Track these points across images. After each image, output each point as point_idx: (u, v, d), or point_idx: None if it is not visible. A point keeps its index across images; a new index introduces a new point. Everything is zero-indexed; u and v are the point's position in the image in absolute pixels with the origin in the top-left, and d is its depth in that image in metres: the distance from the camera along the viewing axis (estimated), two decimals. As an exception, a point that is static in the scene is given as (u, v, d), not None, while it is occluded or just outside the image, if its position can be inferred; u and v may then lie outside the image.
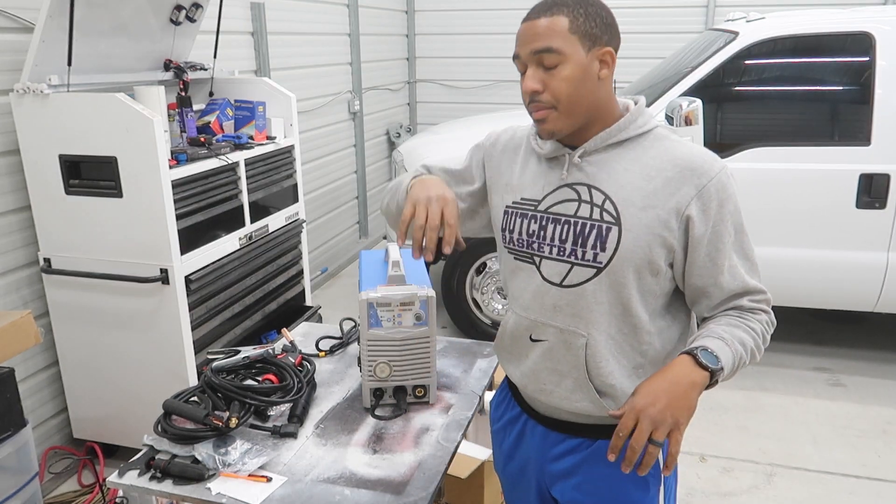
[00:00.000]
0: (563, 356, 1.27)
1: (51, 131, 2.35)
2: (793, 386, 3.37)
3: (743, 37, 3.23)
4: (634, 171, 1.21)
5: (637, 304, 1.23)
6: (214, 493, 1.37)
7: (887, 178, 3.09)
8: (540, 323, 1.28)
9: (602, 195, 1.21)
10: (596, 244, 1.20)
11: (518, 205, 1.30)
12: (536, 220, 1.27)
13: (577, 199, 1.23)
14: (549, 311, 1.26)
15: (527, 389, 1.36)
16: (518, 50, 1.19)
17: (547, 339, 1.28)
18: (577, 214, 1.22)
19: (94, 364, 2.59)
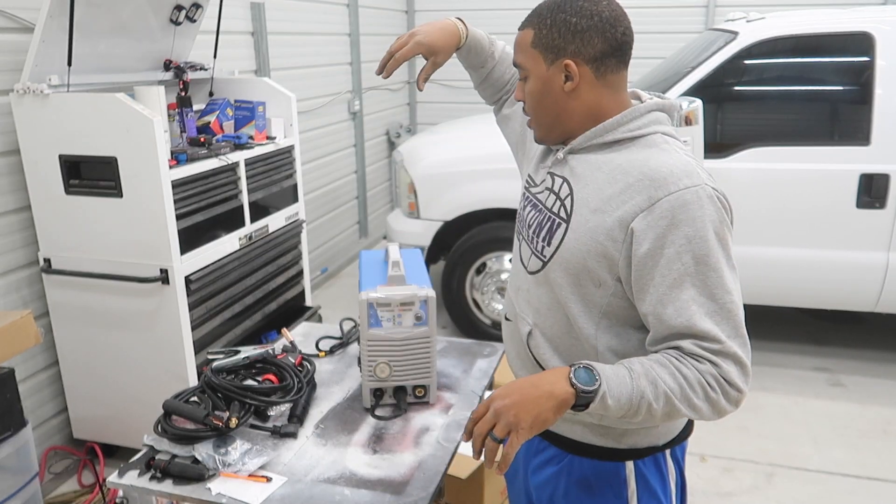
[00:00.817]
0: (517, 342, 1.31)
1: (51, 131, 2.35)
2: (793, 386, 3.37)
3: (743, 37, 3.23)
4: (604, 172, 1.15)
5: (577, 312, 1.16)
6: (214, 494, 1.37)
7: (887, 178, 3.09)
8: (510, 300, 1.33)
9: (568, 190, 1.20)
10: (546, 237, 1.21)
11: (527, 182, 1.36)
12: (528, 201, 1.31)
13: (551, 189, 1.24)
14: (517, 292, 1.30)
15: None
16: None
17: (512, 320, 1.33)
18: (544, 204, 1.24)
19: (94, 364, 2.59)
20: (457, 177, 3.68)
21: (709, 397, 1.07)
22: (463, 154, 3.81)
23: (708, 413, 1.09)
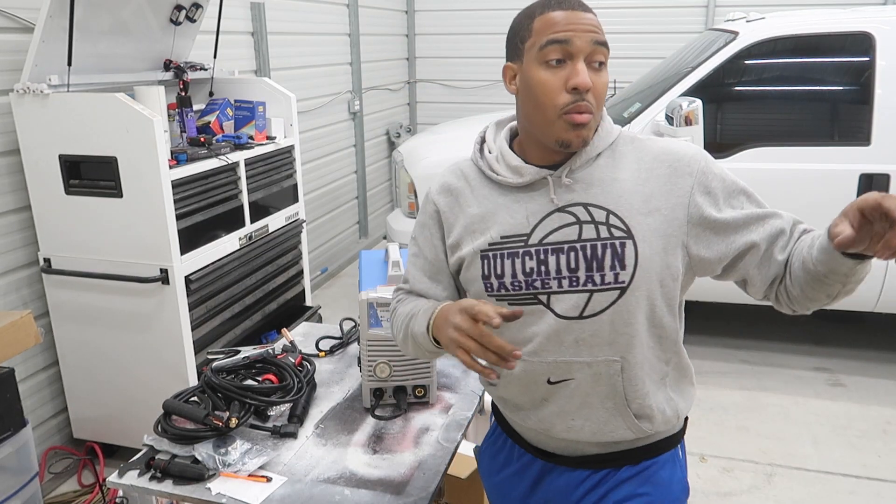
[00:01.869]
0: (593, 389, 1.16)
1: (51, 131, 2.35)
2: (793, 386, 3.37)
3: (743, 37, 3.23)
4: (624, 178, 1.12)
5: (665, 314, 1.15)
6: (214, 493, 1.37)
7: (887, 178, 3.09)
8: (561, 363, 1.14)
9: (603, 211, 1.10)
10: (614, 264, 1.09)
11: (499, 245, 1.14)
12: (532, 256, 1.12)
13: (575, 221, 1.10)
14: (570, 347, 1.13)
15: (548, 433, 1.22)
16: (571, 35, 1.03)
17: (572, 378, 1.15)
18: (581, 238, 1.10)
19: (94, 364, 2.59)
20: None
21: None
22: (463, 154, 3.81)
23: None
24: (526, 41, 1.09)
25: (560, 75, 1.05)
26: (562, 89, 1.05)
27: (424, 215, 1.26)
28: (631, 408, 1.16)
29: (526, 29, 1.09)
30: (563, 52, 1.04)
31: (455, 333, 1.01)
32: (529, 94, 1.09)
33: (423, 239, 1.26)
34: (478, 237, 1.16)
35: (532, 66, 1.08)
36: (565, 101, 1.05)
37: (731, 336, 3.87)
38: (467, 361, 1.00)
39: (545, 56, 1.05)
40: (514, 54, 1.12)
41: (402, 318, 1.23)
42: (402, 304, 1.27)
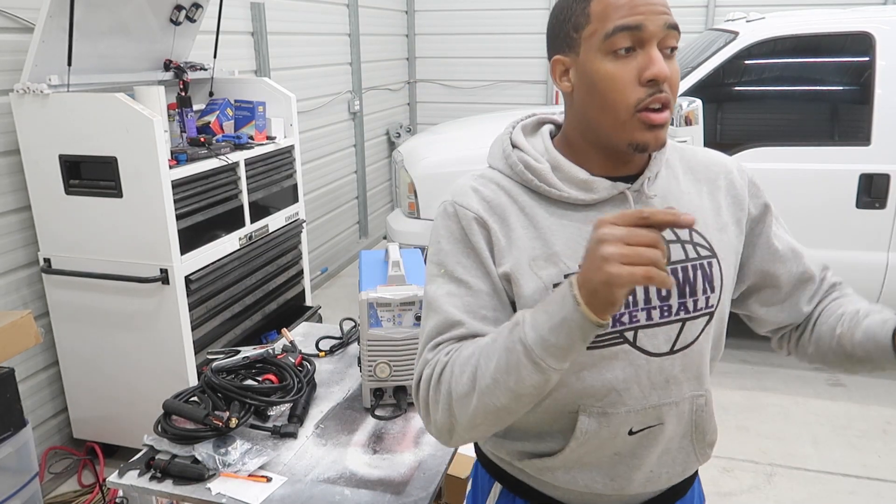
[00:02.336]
0: (676, 431, 1.02)
1: (51, 131, 2.35)
2: (793, 386, 3.37)
3: (743, 37, 3.23)
4: (689, 190, 1.01)
5: (723, 333, 1.06)
6: (214, 493, 1.37)
7: (887, 178, 3.09)
8: (649, 409, 0.97)
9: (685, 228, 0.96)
10: (705, 286, 0.96)
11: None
12: None
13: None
14: (660, 389, 0.97)
15: (622, 492, 1.03)
16: (642, 19, 0.87)
17: (661, 423, 0.99)
18: (671, 261, 0.95)
19: (94, 364, 2.59)
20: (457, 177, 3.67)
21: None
22: (463, 154, 3.81)
23: None
24: (582, 29, 0.90)
25: (631, 66, 0.88)
26: (635, 82, 0.87)
27: (462, 235, 0.95)
28: (706, 440, 1.06)
29: (580, 14, 0.91)
30: (635, 38, 0.87)
31: (615, 249, 0.73)
32: (593, 91, 0.90)
33: (467, 266, 0.94)
34: (545, 269, 0.92)
35: (594, 57, 0.90)
36: (640, 97, 0.87)
37: (731, 336, 3.84)
38: (646, 273, 0.72)
39: (613, 45, 0.87)
40: (566, 45, 0.93)
41: (474, 360, 0.86)
42: (457, 352, 0.90)
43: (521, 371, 0.80)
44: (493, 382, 0.83)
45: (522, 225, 0.95)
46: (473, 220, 0.95)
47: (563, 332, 0.78)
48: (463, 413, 0.87)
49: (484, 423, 0.87)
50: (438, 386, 0.89)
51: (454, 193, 0.99)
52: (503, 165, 1.00)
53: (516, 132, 1.02)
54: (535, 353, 0.79)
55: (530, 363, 0.80)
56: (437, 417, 0.90)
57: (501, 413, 0.84)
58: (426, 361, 0.92)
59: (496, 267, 0.94)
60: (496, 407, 0.84)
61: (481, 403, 0.84)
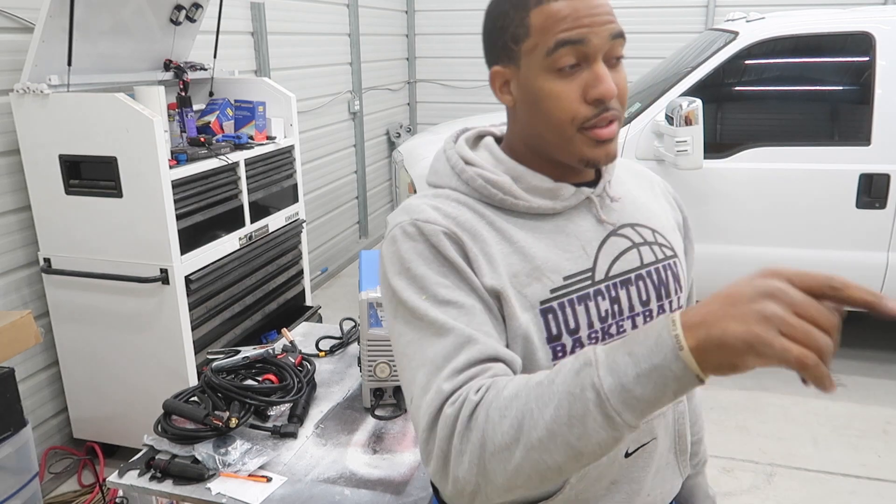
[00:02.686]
0: (664, 442, 0.96)
1: (51, 131, 2.35)
2: (793, 386, 3.37)
3: (743, 37, 3.23)
4: (639, 193, 1.00)
5: None
6: (214, 493, 1.37)
7: (887, 178, 3.09)
8: (644, 424, 0.90)
9: (648, 229, 0.95)
10: (675, 287, 0.94)
11: (564, 290, 0.86)
12: (604, 295, 0.88)
13: (632, 244, 0.92)
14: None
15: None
16: (586, 32, 0.80)
17: (654, 437, 0.93)
18: (644, 263, 0.92)
19: (94, 364, 2.59)
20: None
21: None
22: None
23: None
24: (522, 41, 0.84)
25: (576, 83, 0.82)
26: (580, 100, 0.82)
27: (434, 252, 0.83)
28: (686, 448, 1.01)
29: (519, 25, 0.84)
30: (578, 54, 0.81)
31: (783, 312, 0.58)
32: (537, 108, 0.85)
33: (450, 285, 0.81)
34: (529, 286, 0.84)
35: (536, 73, 0.83)
36: (586, 115, 0.82)
37: (731, 336, 3.86)
38: (803, 357, 0.57)
39: (556, 63, 0.81)
40: (506, 56, 0.87)
41: (520, 402, 0.69)
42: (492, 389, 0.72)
43: (588, 424, 0.65)
44: (547, 435, 0.66)
45: (496, 241, 0.85)
46: (442, 234, 0.82)
47: (651, 384, 0.63)
48: (498, 470, 0.69)
49: (523, 485, 0.69)
50: (468, 432, 0.70)
51: (409, 212, 0.85)
52: (457, 183, 0.90)
53: (461, 147, 0.93)
54: (611, 405, 0.64)
55: (602, 416, 0.64)
56: (461, 473, 0.70)
57: (549, 473, 0.68)
58: (444, 394, 0.73)
59: (480, 280, 0.82)
60: (546, 465, 0.67)
61: (527, 460, 0.67)
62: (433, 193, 0.90)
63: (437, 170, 0.94)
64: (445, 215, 0.85)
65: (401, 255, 0.83)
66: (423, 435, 0.74)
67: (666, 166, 3.21)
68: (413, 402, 0.77)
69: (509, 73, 0.88)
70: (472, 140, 0.97)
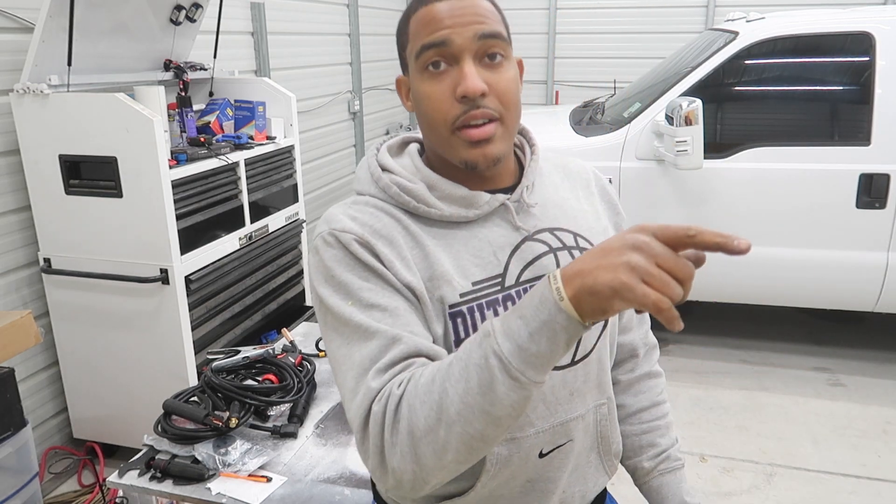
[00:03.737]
0: (583, 445, 0.99)
1: (51, 131, 2.35)
2: (793, 386, 3.37)
3: (743, 37, 3.23)
4: (567, 196, 1.00)
5: (615, 334, 1.05)
6: (214, 493, 1.37)
7: (887, 178, 3.09)
8: (558, 426, 0.93)
9: (570, 234, 0.95)
10: None
11: (472, 295, 0.88)
12: (514, 300, 0.89)
13: (548, 249, 0.93)
14: (565, 403, 0.93)
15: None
16: (447, 33, 0.83)
17: (571, 439, 0.95)
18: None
19: (95, 364, 2.59)
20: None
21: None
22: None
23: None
24: (405, 48, 0.89)
25: (446, 83, 0.85)
26: (451, 99, 0.84)
27: (352, 258, 0.85)
28: (612, 450, 1.04)
29: (403, 33, 0.89)
30: (443, 54, 0.84)
31: (645, 263, 0.64)
32: (420, 110, 0.89)
33: (373, 288, 0.84)
34: (438, 290, 0.86)
35: (414, 76, 0.88)
36: (456, 114, 0.84)
37: (731, 336, 3.87)
38: (658, 301, 0.63)
39: (423, 63, 0.85)
40: (402, 65, 0.93)
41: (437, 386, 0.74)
42: (411, 382, 0.76)
43: (498, 389, 0.69)
44: (464, 408, 0.71)
45: (409, 246, 0.88)
46: (355, 242, 0.85)
47: (544, 338, 0.68)
48: (429, 452, 0.73)
49: (455, 461, 0.73)
50: (396, 425, 0.74)
51: (328, 222, 0.88)
52: (374, 189, 0.92)
53: (382, 153, 0.96)
54: (514, 367, 0.69)
55: (508, 378, 0.69)
56: (396, 464, 0.74)
57: (475, 443, 0.72)
58: (372, 392, 0.77)
59: (398, 279, 0.85)
60: (469, 436, 0.71)
61: (451, 436, 0.71)
62: (352, 201, 0.93)
63: (360, 177, 0.96)
64: (361, 224, 0.87)
65: (324, 264, 0.86)
66: (358, 435, 0.78)
67: (666, 166, 3.21)
68: (346, 405, 0.81)
69: (407, 80, 0.92)
70: (397, 147, 0.99)
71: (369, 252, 0.85)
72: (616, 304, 0.66)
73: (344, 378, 0.82)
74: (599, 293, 0.66)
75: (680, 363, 3.56)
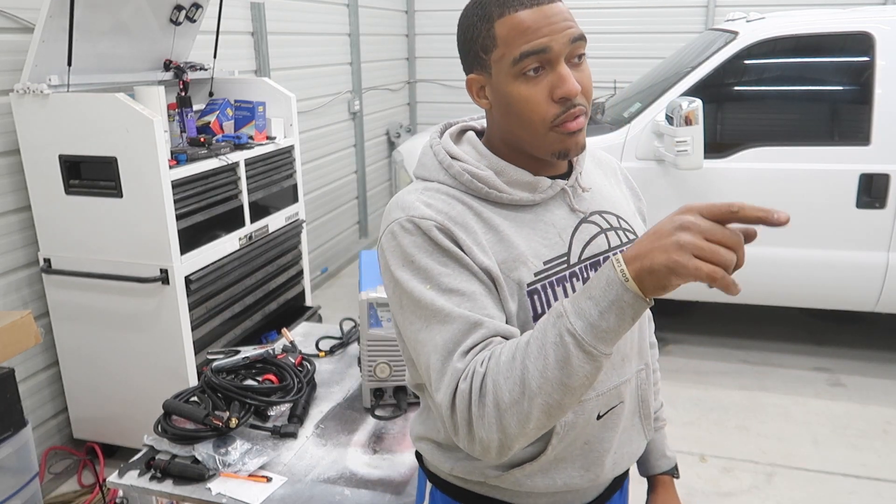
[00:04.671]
0: (630, 406, 1.07)
1: (51, 131, 2.35)
2: (793, 386, 3.37)
3: (743, 37, 3.23)
4: (603, 182, 1.10)
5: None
6: (214, 494, 1.37)
7: (887, 178, 3.09)
8: (612, 389, 1.01)
9: (613, 216, 1.05)
10: None
11: (545, 273, 0.95)
12: (578, 277, 0.98)
13: (600, 230, 1.02)
14: (618, 368, 1.02)
15: (597, 480, 1.05)
16: (547, 42, 0.88)
17: (622, 401, 1.04)
18: (611, 247, 1.02)
19: (95, 364, 2.59)
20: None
21: None
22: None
23: None
24: (490, 51, 0.92)
25: (542, 85, 0.90)
26: (548, 100, 0.90)
27: (432, 244, 0.90)
28: (650, 413, 1.12)
29: (486, 36, 0.92)
30: (542, 60, 0.89)
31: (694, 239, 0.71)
32: (510, 111, 0.94)
33: (452, 274, 0.89)
34: (514, 271, 0.93)
35: (506, 80, 0.92)
36: (555, 113, 0.91)
37: (731, 336, 3.87)
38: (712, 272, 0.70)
39: (522, 69, 0.90)
40: (478, 65, 0.96)
41: (518, 363, 0.81)
42: (493, 360, 0.83)
43: (573, 363, 0.78)
44: (544, 382, 0.79)
45: (483, 230, 0.94)
46: (435, 228, 0.90)
47: (613, 315, 0.76)
48: (514, 422, 0.81)
49: (536, 427, 0.82)
50: (482, 399, 0.82)
51: (404, 209, 0.93)
52: (445, 177, 0.98)
53: (446, 142, 1.01)
54: (587, 343, 0.77)
55: (582, 353, 0.77)
56: (484, 434, 0.82)
57: (553, 411, 0.81)
58: (458, 372, 0.84)
59: (476, 264, 0.91)
60: (549, 405, 0.80)
61: (533, 406, 0.80)
62: (423, 187, 0.98)
63: (425, 164, 1.02)
64: (437, 210, 0.93)
65: (403, 249, 0.91)
66: (446, 412, 0.85)
67: (666, 166, 3.21)
68: (433, 385, 0.87)
69: (483, 79, 0.97)
70: (456, 135, 1.04)
71: (449, 238, 0.91)
72: (673, 280, 0.73)
73: (427, 359, 0.88)
74: (657, 272, 0.73)
75: (680, 363, 3.56)
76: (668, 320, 4.00)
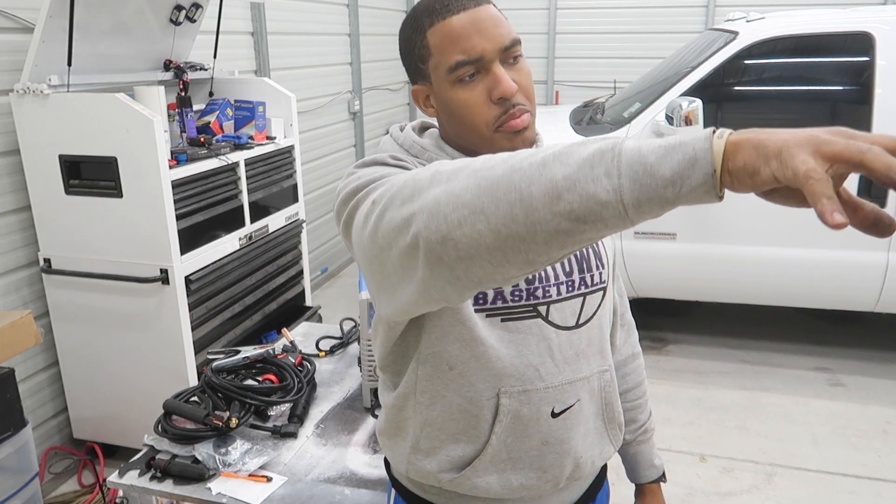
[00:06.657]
0: (590, 410, 1.05)
1: (51, 131, 2.35)
2: (793, 386, 3.37)
3: (743, 37, 3.23)
4: None
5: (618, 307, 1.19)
6: (215, 493, 1.37)
7: (887, 178, 3.09)
8: (566, 385, 0.99)
9: None
10: (597, 262, 1.03)
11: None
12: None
13: None
14: (572, 364, 1.00)
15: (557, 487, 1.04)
16: (480, 50, 0.89)
17: (579, 399, 1.01)
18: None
19: (95, 364, 2.59)
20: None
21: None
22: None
23: None
24: (427, 61, 0.93)
25: (479, 89, 0.90)
26: (487, 102, 0.90)
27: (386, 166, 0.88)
28: (616, 419, 1.09)
29: (421, 46, 0.93)
30: (477, 67, 0.90)
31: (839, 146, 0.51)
32: (454, 117, 0.94)
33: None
34: None
35: (445, 87, 0.93)
36: (496, 115, 0.91)
37: (731, 336, 3.87)
38: (816, 176, 0.50)
39: (458, 77, 0.90)
40: (419, 76, 0.97)
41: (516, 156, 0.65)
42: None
43: (593, 172, 0.58)
44: (510, 170, 0.62)
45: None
46: (389, 157, 0.89)
47: (664, 154, 0.57)
48: (444, 199, 0.64)
49: (470, 240, 0.63)
50: (416, 180, 0.69)
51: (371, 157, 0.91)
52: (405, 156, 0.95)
53: (409, 132, 1.01)
54: (618, 160, 0.58)
55: (604, 167, 0.58)
56: (416, 208, 0.67)
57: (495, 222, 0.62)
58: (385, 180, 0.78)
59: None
60: (520, 195, 0.61)
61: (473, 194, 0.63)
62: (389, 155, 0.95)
63: (385, 149, 1.01)
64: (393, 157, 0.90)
65: (357, 175, 0.85)
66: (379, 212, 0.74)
67: (666, 166, 3.21)
68: (376, 215, 0.75)
69: (427, 89, 0.97)
70: (418, 129, 1.05)
71: (399, 162, 0.89)
72: (773, 164, 0.53)
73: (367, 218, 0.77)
74: (763, 148, 0.54)
75: (680, 363, 3.56)
76: (668, 320, 4.00)
